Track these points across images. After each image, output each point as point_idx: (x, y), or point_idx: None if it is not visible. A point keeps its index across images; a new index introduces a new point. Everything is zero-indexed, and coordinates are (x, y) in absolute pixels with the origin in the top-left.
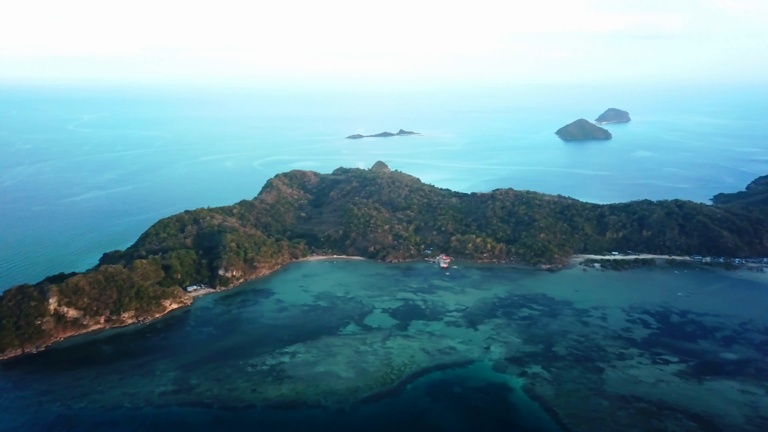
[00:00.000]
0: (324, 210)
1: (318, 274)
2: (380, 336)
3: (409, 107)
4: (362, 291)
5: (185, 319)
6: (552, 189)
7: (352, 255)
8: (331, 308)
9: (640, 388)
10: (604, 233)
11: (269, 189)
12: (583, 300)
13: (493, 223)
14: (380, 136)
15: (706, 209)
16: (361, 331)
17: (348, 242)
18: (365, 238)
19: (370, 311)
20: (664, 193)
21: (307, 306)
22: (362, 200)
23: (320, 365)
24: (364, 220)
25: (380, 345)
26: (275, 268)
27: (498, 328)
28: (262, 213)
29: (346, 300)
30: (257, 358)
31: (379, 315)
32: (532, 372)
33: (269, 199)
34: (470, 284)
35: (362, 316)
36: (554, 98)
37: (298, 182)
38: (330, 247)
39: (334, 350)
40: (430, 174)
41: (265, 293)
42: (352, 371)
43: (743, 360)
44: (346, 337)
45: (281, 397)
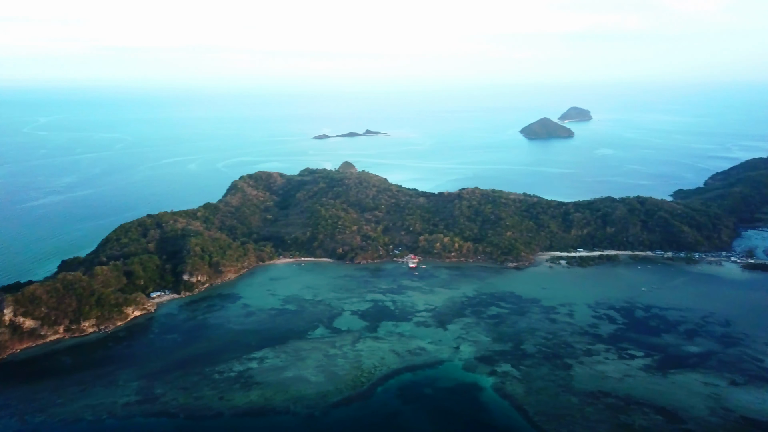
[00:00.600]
0: (291, 212)
1: (285, 277)
2: (350, 338)
3: (376, 107)
4: (331, 293)
5: (149, 327)
6: (517, 187)
7: (320, 257)
8: (300, 312)
9: (607, 383)
10: (569, 230)
11: (234, 191)
12: (550, 297)
13: (460, 222)
14: (347, 136)
15: (667, 205)
16: (330, 334)
17: (316, 244)
18: (333, 239)
19: (339, 314)
20: (627, 190)
21: (274, 310)
22: (330, 201)
23: (289, 370)
24: (331, 221)
25: (350, 348)
26: (241, 271)
27: (467, 328)
28: (227, 216)
29: (315, 303)
30: (224, 365)
31: (349, 317)
32: (502, 371)
33: (234, 202)
34: (439, 284)
35: (331, 318)
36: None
37: (264, 184)
38: (297, 250)
39: (303, 354)
40: (398, 174)
41: (232, 298)
42: (322, 375)
43: (705, 353)
44: (315, 341)
45: (250, 404)
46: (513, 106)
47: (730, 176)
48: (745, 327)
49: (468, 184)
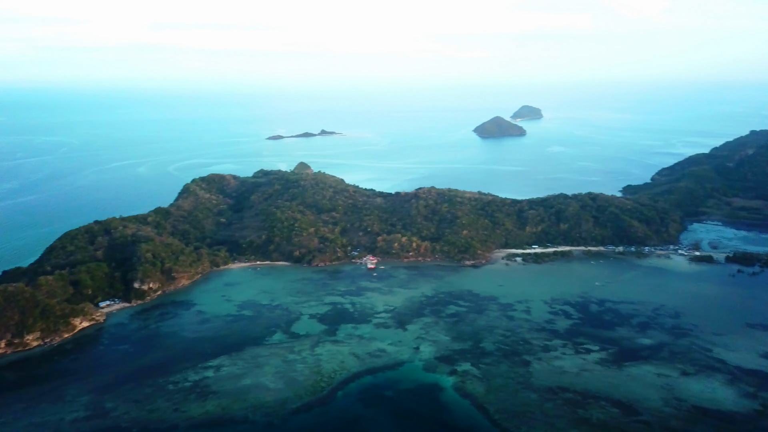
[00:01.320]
0: (245, 215)
1: (241, 282)
2: (308, 343)
3: (330, 107)
4: (288, 297)
5: (98, 338)
6: (472, 186)
7: (277, 260)
8: (257, 317)
9: (565, 378)
10: (524, 227)
11: (186, 195)
12: (507, 294)
13: (417, 221)
14: (301, 136)
15: (617, 201)
16: (288, 339)
17: (272, 247)
18: (290, 242)
19: (297, 318)
20: (578, 187)
21: (230, 316)
22: (285, 203)
23: (247, 378)
24: (287, 223)
25: (309, 352)
26: (195, 277)
27: (426, 327)
28: (179, 220)
29: (272, 308)
30: (179, 375)
31: (307, 321)
32: (462, 370)
33: (186, 206)
34: (398, 284)
35: (289, 323)
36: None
37: (217, 186)
38: (253, 253)
39: (261, 361)
40: (354, 174)
41: (186, 305)
42: (281, 382)
43: (657, 344)
44: (273, 347)
45: (206, 414)
46: (466, 106)
47: (675, 171)
48: (694, 318)
49: (424, 184)
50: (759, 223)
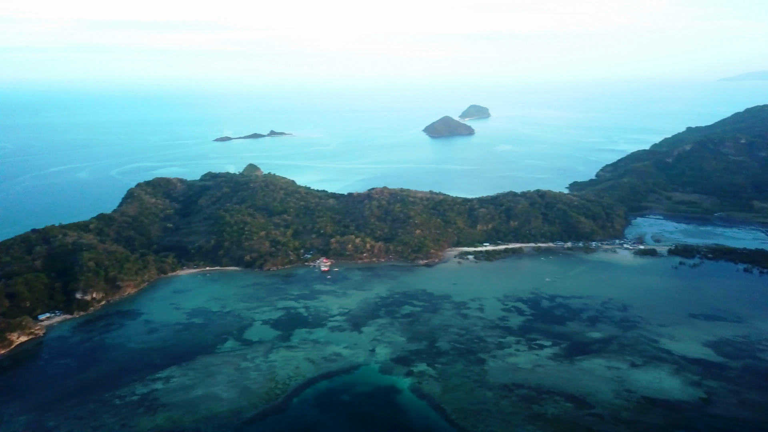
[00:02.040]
0: (193, 219)
1: (190, 289)
2: (262, 349)
3: (279, 107)
4: (240, 303)
5: (38, 353)
6: (424, 185)
7: (227, 265)
8: (207, 325)
9: (519, 375)
10: (475, 226)
11: (130, 200)
12: (460, 293)
13: (371, 222)
14: (250, 137)
15: (565, 197)
16: (241, 347)
17: (221, 252)
18: (240, 246)
19: (249, 324)
20: (527, 184)
21: (180, 325)
22: (235, 206)
23: (198, 388)
24: (237, 227)
25: (262, 359)
26: (142, 285)
27: (382, 329)
28: (123, 227)
29: (223, 314)
30: (126, 388)
31: (260, 327)
32: (418, 370)
33: (131, 211)
34: (352, 286)
35: (241, 330)
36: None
37: (163, 191)
38: (202, 259)
39: (212, 370)
40: (305, 175)
41: (132, 314)
42: (234, 391)
43: (607, 338)
44: (225, 355)
45: (156, 428)
46: (416, 106)
47: (618, 168)
48: (641, 310)
49: (376, 184)
50: (697, 216)
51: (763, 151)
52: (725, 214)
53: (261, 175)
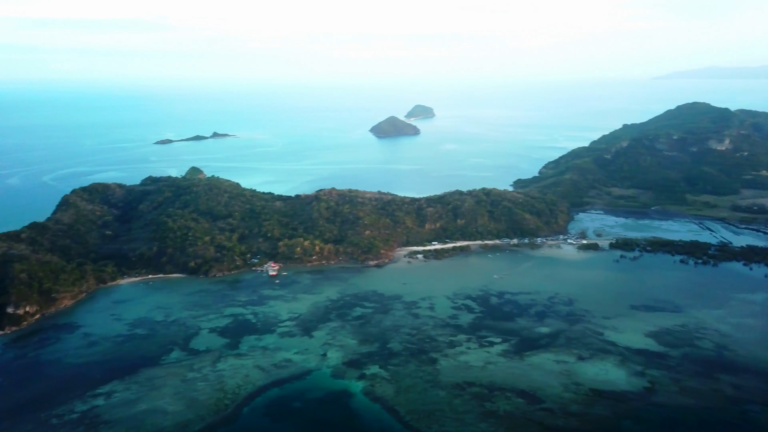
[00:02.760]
0: (133, 226)
1: (132, 299)
2: (209, 359)
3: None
4: (185, 312)
5: None
6: (372, 186)
7: (171, 273)
8: (151, 335)
9: (471, 373)
10: (423, 225)
11: (66, 207)
12: (411, 292)
13: (319, 224)
14: (192, 139)
15: (510, 195)
16: (187, 357)
17: (164, 259)
18: (184, 252)
19: (195, 333)
20: (473, 183)
21: (121, 336)
22: (177, 211)
23: (142, 402)
24: (180, 233)
25: (210, 369)
26: (79, 297)
27: (333, 332)
28: (58, 235)
29: (167, 324)
30: (64, 406)
31: (207, 336)
32: (371, 373)
33: (66, 219)
34: (302, 289)
35: (187, 339)
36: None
37: (101, 197)
38: (144, 267)
39: (157, 383)
40: (251, 178)
41: (69, 328)
42: (181, 403)
43: (555, 332)
44: (170, 366)
45: None
46: (362, 106)
47: (560, 165)
48: (585, 304)
49: (324, 185)
50: (636, 210)
51: (693, 147)
52: (661, 207)
53: (204, 178)
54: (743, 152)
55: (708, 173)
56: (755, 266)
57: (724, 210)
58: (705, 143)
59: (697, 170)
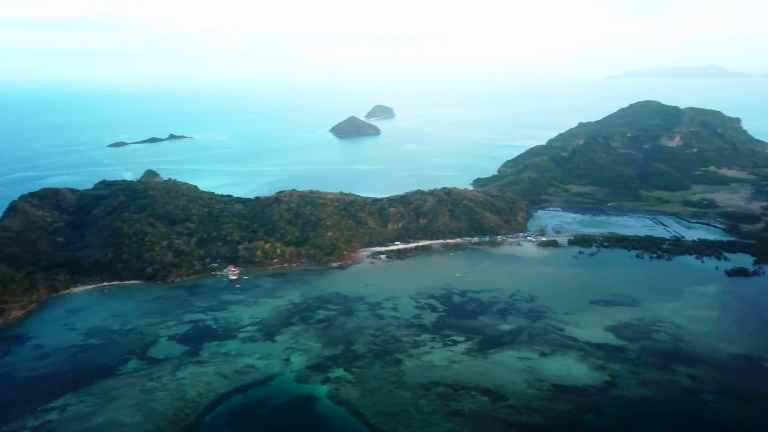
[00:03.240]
0: (87, 232)
1: (86, 308)
2: (169, 367)
3: (178, 109)
4: (143, 319)
5: None
6: (333, 186)
7: (127, 280)
8: (107, 345)
9: (436, 372)
10: (386, 225)
11: (13, 213)
12: (374, 293)
13: (280, 226)
14: (148, 142)
15: (470, 194)
16: (145, 366)
17: (120, 266)
18: (141, 258)
19: (154, 341)
20: (433, 182)
21: (75, 347)
22: (133, 216)
23: (98, 415)
24: (137, 238)
25: (170, 378)
26: (30, 307)
27: (296, 336)
28: (6, 243)
29: (124, 332)
30: (14, 423)
31: (166, 343)
32: (335, 376)
33: (14, 226)
34: (263, 293)
35: (145, 348)
36: (325, 97)
37: (51, 202)
38: (99, 274)
39: (114, 394)
40: (209, 180)
41: (19, 340)
42: (139, 415)
43: (517, 329)
44: (127, 376)
45: None
46: (322, 106)
47: (518, 163)
48: (546, 300)
49: (284, 186)
50: (592, 206)
51: (646, 144)
52: (617, 203)
53: (161, 181)
54: (693, 149)
55: (660, 170)
56: (706, 259)
57: (676, 205)
58: (657, 140)
59: (650, 167)
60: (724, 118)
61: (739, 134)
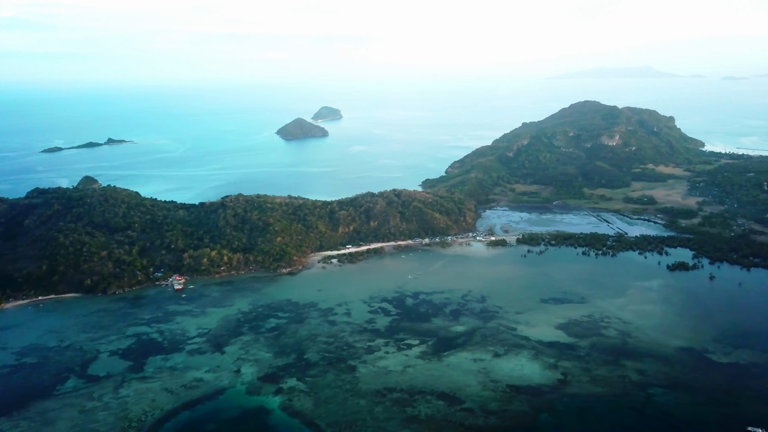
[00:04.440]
0: (19, 243)
1: (19, 324)
2: (111, 385)
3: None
4: (82, 335)
5: None
6: (281, 190)
7: (64, 293)
8: (42, 364)
9: (391, 378)
10: (336, 228)
11: None
12: (326, 299)
13: (227, 232)
14: (85, 147)
15: (419, 195)
16: (85, 385)
17: (56, 278)
18: (79, 269)
19: (94, 357)
20: (383, 184)
21: (7, 367)
22: (69, 225)
23: None
24: (74, 248)
25: (112, 396)
26: None
27: (246, 346)
28: None
29: (62, 350)
30: None
31: (107, 360)
32: (288, 387)
33: None
34: (210, 303)
35: (85, 365)
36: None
37: None
38: (33, 288)
39: (51, 416)
40: (151, 186)
41: None
42: None
43: (470, 330)
44: (66, 396)
45: None
46: (267, 107)
47: (465, 163)
48: (498, 300)
49: (230, 191)
50: (538, 205)
51: (588, 143)
52: (561, 201)
53: (99, 188)
54: (631, 147)
55: (602, 168)
56: (649, 254)
57: (617, 202)
58: (598, 139)
59: (591, 165)
60: (659, 117)
61: (674, 132)
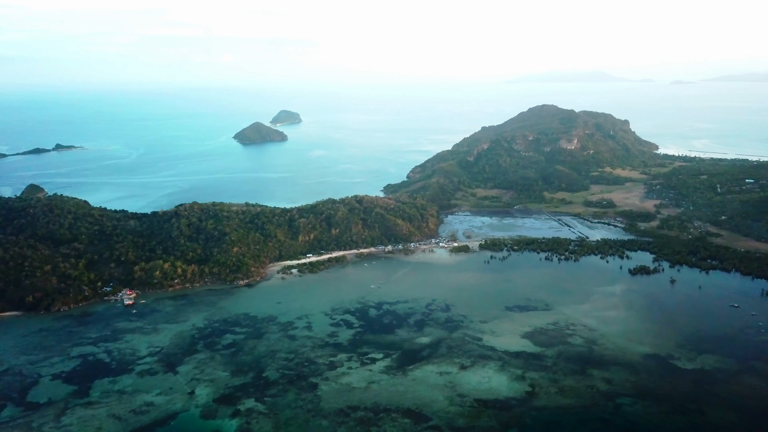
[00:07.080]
0: None
1: None
2: (52, 412)
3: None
4: (21, 357)
5: None
6: (238, 197)
7: (3, 311)
8: None
9: (354, 395)
10: (296, 237)
11: None
12: (286, 312)
13: (180, 243)
14: (31, 153)
15: (381, 201)
16: (23, 413)
17: None
18: (19, 286)
19: (34, 382)
20: (344, 189)
21: None
22: (9, 238)
23: None
24: (14, 263)
25: (54, 425)
26: None
27: (201, 365)
28: None
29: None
30: None
31: (49, 384)
32: (246, 408)
33: None
34: (163, 319)
35: (24, 391)
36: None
37: None
38: None
39: None
40: (101, 194)
41: None
42: None
43: (435, 341)
44: (2, 427)
45: None
46: (223, 112)
47: (426, 168)
48: (462, 308)
49: (185, 199)
50: (499, 210)
51: (547, 147)
52: (522, 206)
53: (44, 197)
54: (589, 151)
55: (561, 171)
56: (611, 259)
57: (578, 206)
58: (556, 143)
59: (551, 169)
60: (614, 121)
61: (629, 135)
